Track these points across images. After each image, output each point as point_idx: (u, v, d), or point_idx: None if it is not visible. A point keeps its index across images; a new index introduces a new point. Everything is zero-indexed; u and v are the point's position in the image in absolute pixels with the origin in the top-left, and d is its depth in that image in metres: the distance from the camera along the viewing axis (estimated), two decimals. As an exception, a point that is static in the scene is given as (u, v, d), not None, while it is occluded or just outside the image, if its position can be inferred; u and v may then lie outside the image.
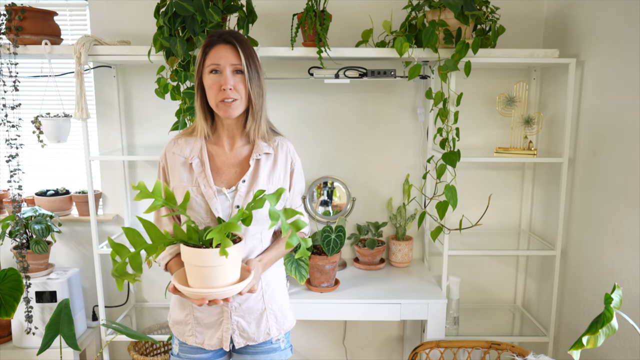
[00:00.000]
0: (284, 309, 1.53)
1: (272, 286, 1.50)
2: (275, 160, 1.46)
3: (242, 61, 1.34)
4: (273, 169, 1.45)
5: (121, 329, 2.06)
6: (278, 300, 1.51)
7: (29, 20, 2.00)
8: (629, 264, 1.72)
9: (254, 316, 1.47)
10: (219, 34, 1.38)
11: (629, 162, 1.73)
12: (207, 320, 1.46)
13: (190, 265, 1.22)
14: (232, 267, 1.23)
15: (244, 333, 1.47)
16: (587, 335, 1.21)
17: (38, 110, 2.24)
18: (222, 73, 1.34)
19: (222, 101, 1.35)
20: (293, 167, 1.50)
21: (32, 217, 2.22)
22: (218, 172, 1.43)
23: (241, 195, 1.39)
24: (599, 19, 1.93)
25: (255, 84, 1.37)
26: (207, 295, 1.22)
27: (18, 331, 2.27)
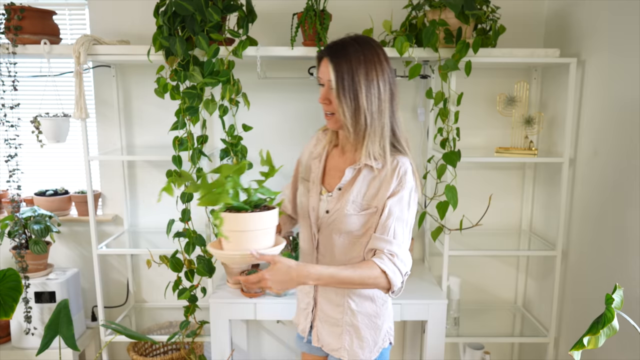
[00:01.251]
0: (364, 340, 1.43)
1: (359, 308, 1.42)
2: (376, 176, 1.34)
3: (332, 79, 1.28)
4: (371, 184, 1.35)
5: (120, 330, 2.06)
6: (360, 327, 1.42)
7: (28, 19, 2.00)
8: (630, 264, 1.72)
9: (331, 325, 1.45)
10: (327, 45, 1.33)
11: (630, 162, 1.72)
12: (301, 305, 1.54)
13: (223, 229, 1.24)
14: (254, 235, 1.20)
15: (320, 336, 1.48)
16: (588, 335, 1.20)
17: (37, 110, 2.23)
18: (324, 87, 1.34)
19: (324, 112, 1.37)
20: (397, 189, 1.32)
21: (31, 217, 2.21)
22: (328, 174, 1.44)
23: (331, 201, 1.38)
24: (600, 18, 1.92)
25: (347, 105, 1.27)
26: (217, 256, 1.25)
27: (17, 332, 2.26)
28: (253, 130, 2.21)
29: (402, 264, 1.30)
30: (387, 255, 1.30)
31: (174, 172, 2.03)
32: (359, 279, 1.27)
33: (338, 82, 1.27)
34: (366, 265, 1.28)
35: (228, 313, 2.06)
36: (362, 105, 1.27)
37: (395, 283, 1.29)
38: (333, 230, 1.37)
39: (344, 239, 1.37)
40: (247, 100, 2.12)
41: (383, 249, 1.30)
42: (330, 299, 1.44)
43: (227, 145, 2.15)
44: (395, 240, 1.31)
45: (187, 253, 2.04)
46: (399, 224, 1.32)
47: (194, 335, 2.19)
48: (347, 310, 1.42)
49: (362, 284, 1.29)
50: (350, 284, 1.29)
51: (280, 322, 2.63)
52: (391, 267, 1.28)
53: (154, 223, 2.54)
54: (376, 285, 1.30)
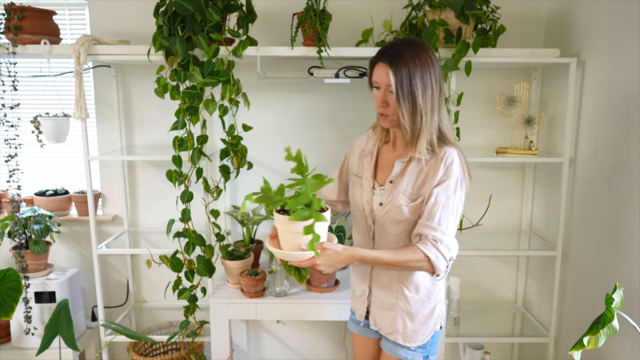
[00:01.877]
0: (416, 323, 1.51)
1: (412, 294, 1.49)
2: (425, 166, 1.42)
3: (392, 84, 1.34)
4: (419, 175, 1.42)
5: (120, 330, 2.06)
6: (413, 311, 1.50)
7: (28, 19, 2.00)
8: (630, 264, 1.72)
9: (385, 310, 1.53)
10: (381, 50, 1.39)
11: (630, 162, 1.72)
12: (357, 293, 1.63)
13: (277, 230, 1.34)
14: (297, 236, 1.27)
15: (376, 320, 1.57)
16: (588, 335, 1.21)
17: (37, 110, 2.23)
18: (380, 90, 1.40)
19: (379, 113, 1.43)
20: (444, 178, 1.39)
21: (31, 217, 2.21)
22: (380, 169, 1.52)
23: (384, 194, 1.46)
24: (600, 18, 1.92)
25: (405, 106, 1.35)
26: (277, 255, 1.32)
27: (17, 332, 2.26)
28: (253, 130, 2.21)
29: (446, 249, 1.37)
30: (430, 241, 1.37)
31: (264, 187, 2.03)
32: (401, 262, 1.37)
33: (397, 87, 1.34)
34: (410, 250, 1.38)
35: (228, 313, 2.06)
36: (419, 106, 1.36)
37: (439, 267, 1.37)
38: (387, 221, 1.46)
39: (399, 229, 1.45)
40: (247, 100, 2.13)
41: (428, 235, 1.38)
42: (383, 286, 1.52)
43: (227, 145, 2.15)
44: (439, 227, 1.38)
45: (187, 253, 2.04)
46: (445, 212, 1.38)
47: (194, 335, 2.19)
48: (401, 296, 1.50)
49: (405, 266, 1.39)
50: (394, 265, 1.40)
51: (280, 322, 2.63)
52: (434, 252, 1.36)
53: (154, 223, 2.54)
54: (419, 268, 1.39)
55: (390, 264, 1.39)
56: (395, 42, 1.39)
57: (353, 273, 1.66)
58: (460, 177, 1.41)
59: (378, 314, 1.56)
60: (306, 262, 1.32)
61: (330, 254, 1.33)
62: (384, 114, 1.42)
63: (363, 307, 1.61)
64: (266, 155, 2.48)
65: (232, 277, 2.16)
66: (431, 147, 1.41)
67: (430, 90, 1.36)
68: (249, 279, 2.05)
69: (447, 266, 1.40)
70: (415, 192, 1.42)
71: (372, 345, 1.66)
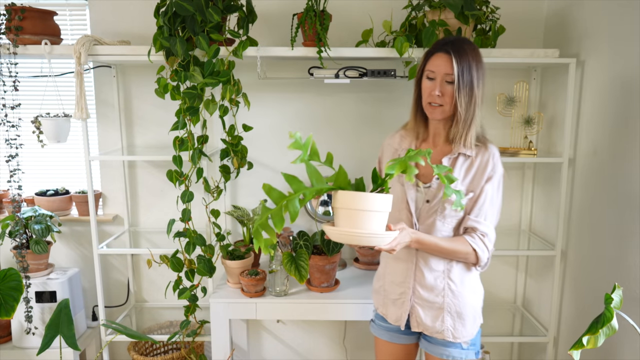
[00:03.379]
0: (465, 318, 1.52)
1: (459, 289, 1.51)
2: (472, 162, 1.47)
3: (454, 72, 1.39)
4: (468, 171, 1.47)
5: (121, 329, 2.06)
6: (461, 307, 1.51)
7: (28, 20, 2.00)
8: (629, 263, 1.72)
9: (431, 310, 1.52)
10: (443, 41, 1.45)
11: (629, 161, 1.73)
12: (392, 297, 1.58)
13: (342, 209, 1.25)
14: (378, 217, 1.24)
15: (420, 321, 1.54)
16: (587, 335, 1.21)
17: (38, 110, 2.24)
18: (435, 80, 1.43)
19: (429, 103, 1.46)
20: (492, 174, 1.47)
21: (32, 217, 2.22)
22: (421, 167, 1.50)
23: (432, 191, 1.49)
24: (599, 18, 1.92)
25: (464, 95, 1.40)
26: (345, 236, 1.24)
27: (18, 331, 2.27)
28: (253, 131, 2.22)
29: (491, 243, 1.47)
30: (478, 235, 1.45)
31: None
32: (454, 251, 1.45)
33: (459, 75, 1.39)
34: (460, 241, 1.45)
35: (228, 313, 2.07)
36: (475, 97, 1.42)
37: (482, 259, 1.46)
38: (436, 218, 1.48)
39: (447, 225, 1.48)
40: (248, 100, 2.13)
41: (476, 229, 1.46)
42: (427, 284, 1.52)
43: (228, 145, 2.15)
44: (486, 222, 1.46)
45: (188, 253, 2.05)
46: (491, 207, 1.47)
47: (194, 334, 2.20)
48: (448, 293, 1.51)
49: (454, 256, 1.47)
50: (446, 253, 1.46)
51: (280, 321, 2.64)
52: (481, 246, 1.45)
53: (155, 223, 2.55)
54: (465, 259, 1.48)
55: (443, 251, 1.45)
56: (453, 37, 1.48)
57: (385, 276, 1.61)
58: (502, 173, 1.49)
59: (424, 314, 1.53)
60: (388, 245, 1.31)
61: (405, 235, 1.38)
62: (437, 104, 1.44)
63: (402, 310, 1.56)
64: (266, 155, 2.48)
65: (233, 277, 2.16)
66: (477, 141, 1.47)
67: (481, 85, 1.43)
68: (249, 278, 2.05)
69: (488, 258, 1.48)
70: (464, 187, 1.46)
71: (403, 352, 1.63)
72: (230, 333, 2.14)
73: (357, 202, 1.22)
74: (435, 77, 1.43)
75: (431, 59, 1.45)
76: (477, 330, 1.56)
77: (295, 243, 2.08)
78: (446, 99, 1.43)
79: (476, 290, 1.56)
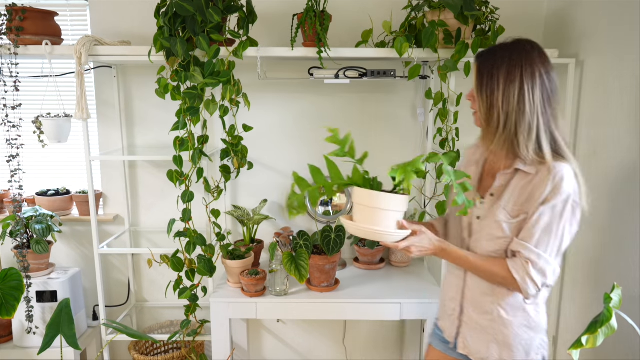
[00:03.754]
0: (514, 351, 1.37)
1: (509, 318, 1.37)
2: (531, 181, 1.30)
3: (474, 75, 1.34)
4: (523, 190, 1.31)
5: (122, 329, 2.07)
6: (511, 338, 1.37)
7: (29, 20, 2.01)
8: (629, 263, 1.73)
9: (478, 332, 1.42)
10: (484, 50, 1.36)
11: (629, 161, 1.73)
12: (448, 311, 1.52)
13: (358, 204, 1.33)
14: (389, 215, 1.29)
15: (466, 342, 1.45)
16: (587, 335, 1.21)
17: (39, 110, 2.24)
18: None
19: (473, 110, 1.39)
20: (549, 196, 1.25)
21: (32, 217, 2.22)
22: (484, 179, 1.45)
23: (483, 208, 1.38)
24: (599, 18, 1.93)
25: (482, 97, 1.30)
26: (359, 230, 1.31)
27: (19, 331, 2.27)
28: (253, 131, 2.22)
29: (538, 274, 1.28)
30: (523, 262, 1.28)
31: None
32: (487, 271, 1.34)
33: (477, 79, 1.32)
34: (498, 263, 1.32)
35: (229, 312, 2.07)
36: (497, 103, 1.28)
37: (526, 290, 1.29)
38: (484, 236, 1.37)
39: (495, 246, 1.35)
40: (248, 100, 2.13)
41: (522, 254, 1.29)
42: (478, 306, 1.42)
43: (228, 146, 2.16)
44: (536, 250, 1.27)
45: (188, 252, 2.05)
46: (546, 234, 1.27)
47: (195, 334, 2.20)
48: (497, 319, 1.38)
49: (490, 278, 1.35)
50: (478, 271, 1.36)
51: (280, 321, 2.64)
52: (522, 275, 1.28)
53: (155, 223, 2.55)
54: (503, 285, 1.34)
55: (475, 268, 1.35)
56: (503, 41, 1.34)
57: (443, 288, 1.56)
58: (570, 197, 1.26)
59: (470, 337, 1.44)
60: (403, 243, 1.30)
61: (424, 238, 1.33)
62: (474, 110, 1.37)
63: (453, 327, 1.49)
64: (267, 156, 2.49)
65: (233, 277, 2.17)
66: (538, 158, 1.28)
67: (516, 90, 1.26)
68: (250, 278, 2.06)
69: (538, 291, 1.30)
70: (518, 208, 1.31)
71: None
72: (231, 332, 2.14)
73: (370, 200, 1.28)
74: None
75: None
76: None
77: (295, 243, 2.08)
78: (476, 105, 1.35)
79: (533, 327, 1.37)
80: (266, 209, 2.53)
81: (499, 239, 1.34)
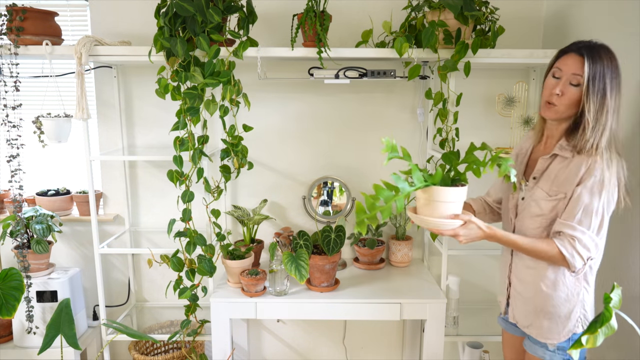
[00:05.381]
0: (553, 320, 1.50)
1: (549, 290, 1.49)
2: (568, 165, 1.44)
3: (585, 75, 1.37)
4: (561, 171, 1.45)
5: (122, 329, 2.07)
6: (550, 308, 1.50)
7: (29, 20, 2.01)
8: (629, 263, 1.73)
9: (523, 303, 1.57)
10: (580, 43, 1.43)
11: (629, 161, 1.73)
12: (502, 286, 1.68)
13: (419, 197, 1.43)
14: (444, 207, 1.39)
15: (514, 312, 1.62)
16: (587, 334, 1.21)
17: (39, 110, 2.24)
18: (560, 79, 1.43)
19: (546, 101, 1.46)
20: (585, 177, 1.39)
21: (33, 217, 2.23)
22: (529, 166, 1.59)
23: (527, 190, 1.54)
24: (599, 19, 1.93)
25: (593, 102, 1.37)
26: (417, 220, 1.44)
27: (19, 331, 2.27)
28: (253, 131, 2.22)
29: (584, 249, 1.41)
30: (568, 239, 1.42)
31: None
32: (536, 250, 1.46)
33: (590, 80, 1.37)
34: (546, 242, 1.45)
35: (229, 312, 2.08)
36: (607, 105, 1.38)
37: (573, 264, 1.42)
38: (527, 215, 1.53)
39: (536, 223, 1.50)
40: (248, 100, 2.14)
41: (565, 233, 1.42)
42: (522, 279, 1.57)
43: (228, 146, 2.16)
44: (579, 227, 1.40)
45: (188, 252, 2.05)
46: (586, 213, 1.40)
47: (195, 334, 2.20)
48: (539, 291, 1.51)
49: (539, 256, 1.47)
50: (528, 252, 1.48)
51: (280, 321, 2.64)
52: (570, 250, 1.41)
53: (155, 223, 2.55)
54: (552, 261, 1.46)
55: (524, 249, 1.47)
56: (591, 41, 1.43)
57: (499, 268, 1.71)
58: (606, 177, 1.38)
59: (517, 306, 1.60)
60: (450, 232, 1.41)
61: (473, 227, 1.44)
62: (553, 104, 1.44)
63: (504, 298, 1.67)
64: (267, 156, 2.49)
65: (233, 277, 2.17)
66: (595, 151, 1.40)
67: (615, 94, 1.39)
68: (250, 278, 2.06)
69: (584, 265, 1.43)
70: (555, 188, 1.45)
71: (519, 343, 1.69)
72: (231, 332, 2.14)
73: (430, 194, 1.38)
74: (562, 77, 1.42)
75: (563, 57, 1.45)
76: (569, 337, 1.50)
77: (295, 243, 2.09)
78: (563, 100, 1.42)
79: (571, 300, 1.49)
80: (266, 209, 2.53)
81: (538, 217, 1.49)
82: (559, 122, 1.49)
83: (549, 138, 1.55)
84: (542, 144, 1.58)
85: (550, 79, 1.46)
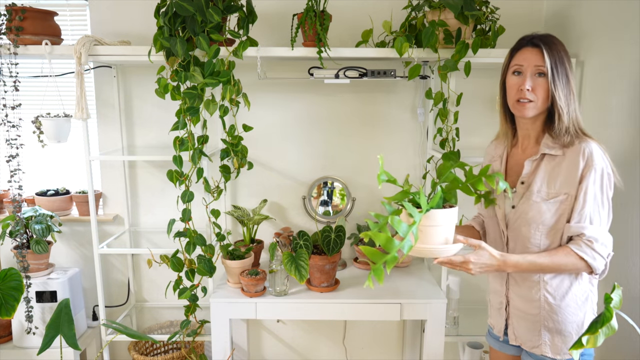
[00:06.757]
0: (565, 334, 1.40)
1: (557, 302, 1.40)
2: (560, 162, 1.37)
3: (547, 64, 1.34)
4: (554, 171, 1.37)
5: (121, 329, 2.07)
6: (560, 322, 1.40)
7: (29, 20, 2.00)
8: (630, 263, 1.73)
9: (527, 321, 1.45)
10: (529, 37, 1.39)
11: (629, 161, 1.73)
12: (495, 306, 1.56)
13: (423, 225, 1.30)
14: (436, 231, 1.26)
15: (516, 333, 1.49)
16: (587, 335, 1.21)
17: (38, 110, 2.24)
18: (523, 74, 1.38)
19: (517, 101, 1.39)
20: (586, 171, 1.32)
21: (32, 217, 2.22)
22: (510, 172, 1.49)
23: (516, 196, 1.43)
24: (599, 19, 1.93)
25: (561, 88, 1.34)
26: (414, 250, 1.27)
27: (18, 331, 2.27)
28: (253, 131, 2.22)
29: (603, 247, 1.32)
30: (585, 242, 1.32)
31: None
32: (556, 266, 1.33)
33: (553, 67, 1.34)
34: (562, 252, 1.33)
35: (228, 312, 2.07)
36: (572, 88, 1.36)
37: (596, 267, 1.33)
38: (522, 223, 1.41)
39: (535, 231, 1.39)
40: (248, 100, 2.13)
41: (582, 235, 1.33)
42: (523, 295, 1.45)
43: (228, 146, 2.15)
44: (591, 225, 1.33)
45: (188, 253, 2.05)
46: (595, 207, 1.33)
47: (195, 334, 2.20)
48: (544, 305, 1.41)
49: (560, 270, 1.35)
50: (549, 270, 1.35)
51: (280, 321, 2.64)
52: (590, 253, 1.32)
53: (155, 223, 2.55)
54: (575, 270, 1.35)
55: (545, 268, 1.34)
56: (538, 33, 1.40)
57: (490, 285, 1.59)
58: (605, 170, 1.33)
59: (519, 327, 1.48)
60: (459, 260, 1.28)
61: (485, 254, 1.31)
62: (527, 100, 1.37)
63: (501, 320, 1.53)
64: (267, 156, 2.49)
65: (233, 277, 2.17)
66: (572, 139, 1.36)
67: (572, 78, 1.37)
68: (250, 278, 2.06)
69: (606, 264, 1.35)
70: (553, 190, 1.36)
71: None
72: (231, 333, 2.14)
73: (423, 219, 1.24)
74: (524, 71, 1.37)
75: (517, 54, 1.40)
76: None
77: (295, 243, 2.08)
78: (538, 94, 1.36)
79: (581, 305, 1.40)
80: (266, 209, 2.53)
81: (538, 224, 1.38)
82: (534, 120, 1.41)
83: (525, 139, 1.46)
84: (518, 147, 1.49)
85: (511, 77, 1.40)
